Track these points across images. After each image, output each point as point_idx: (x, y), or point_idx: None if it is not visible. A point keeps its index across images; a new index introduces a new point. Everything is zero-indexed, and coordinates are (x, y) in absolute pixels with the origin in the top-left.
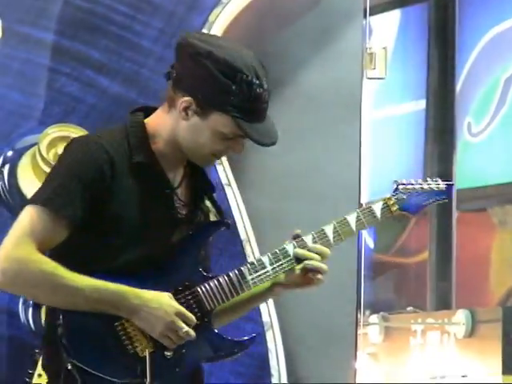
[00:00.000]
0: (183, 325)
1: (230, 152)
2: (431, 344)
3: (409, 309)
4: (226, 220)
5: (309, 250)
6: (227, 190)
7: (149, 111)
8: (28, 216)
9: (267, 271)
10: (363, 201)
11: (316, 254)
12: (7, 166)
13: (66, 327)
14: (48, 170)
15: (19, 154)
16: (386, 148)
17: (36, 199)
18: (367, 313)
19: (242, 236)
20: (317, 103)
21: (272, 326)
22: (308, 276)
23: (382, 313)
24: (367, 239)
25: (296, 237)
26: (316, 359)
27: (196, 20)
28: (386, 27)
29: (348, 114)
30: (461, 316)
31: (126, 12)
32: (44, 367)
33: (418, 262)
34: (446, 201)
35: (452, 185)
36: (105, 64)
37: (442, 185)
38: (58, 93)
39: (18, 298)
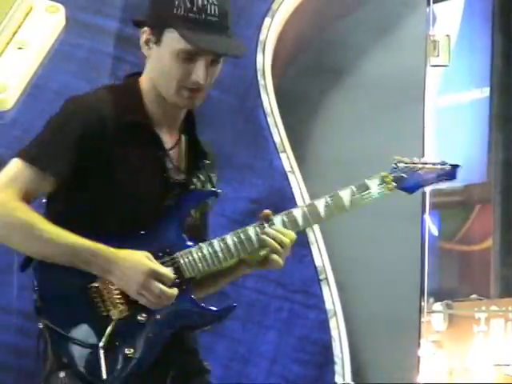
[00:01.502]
0: (157, 284)
1: (194, 79)
2: (495, 331)
3: (472, 296)
4: (215, 190)
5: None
6: (290, 177)
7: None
8: (14, 168)
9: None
10: (426, 189)
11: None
12: None
13: (39, 287)
14: None
15: None
16: (450, 136)
17: (24, 154)
18: (431, 300)
19: None
20: (380, 91)
21: (335, 313)
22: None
23: (445, 300)
24: (431, 227)
25: (265, 219)
26: (379, 347)
27: (259, 8)
28: (450, 15)
29: (411, 102)
30: None
31: None
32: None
33: (482, 250)
34: (450, 181)
35: (458, 166)
36: None
37: (447, 166)
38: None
39: None
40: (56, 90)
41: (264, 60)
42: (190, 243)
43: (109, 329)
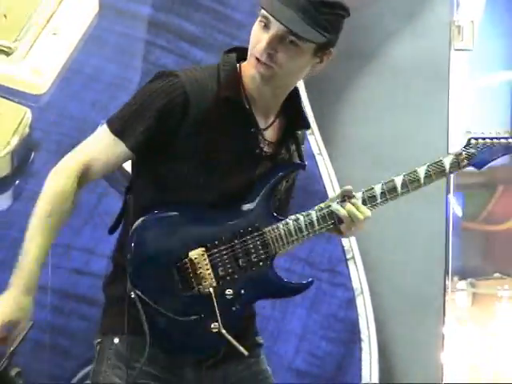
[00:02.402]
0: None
1: (259, 47)
2: None
3: (496, 275)
4: (302, 163)
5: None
6: (318, 159)
7: (242, 52)
8: (99, 133)
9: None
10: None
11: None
12: None
13: (134, 258)
14: None
15: None
16: (476, 116)
17: (109, 121)
18: (455, 279)
19: None
20: (406, 74)
21: (362, 291)
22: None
23: (469, 279)
24: (455, 207)
25: (347, 195)
26: (405, 324)
27: None
28: (474, 1)
29: (437, 84)
30: None
31: None
32: (104, 288)
33: (506, 230)
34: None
35: None
36: (199, 36)
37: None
38: (154, 65)
39: None
40: (89, 74)
41: None
42: (276, 218)
43: (215, 302)
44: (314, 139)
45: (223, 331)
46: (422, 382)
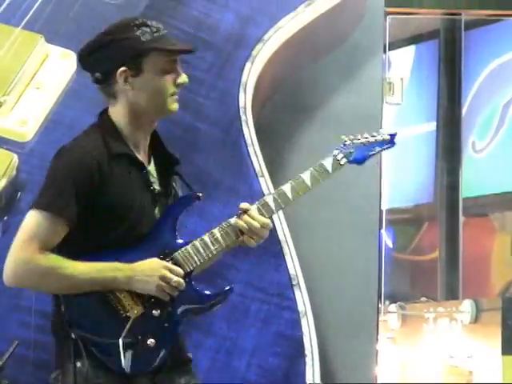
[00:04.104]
0: (172, 275)
1: (179, 83)
2: (442, 329)
3: (422, 299)
4: (197, 193)
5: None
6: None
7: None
8: (31, 220)
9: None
10: (383, 208)
11: (252, 219)
12: None
13: (65, 304)
14: None
15: None
16: (402, 163)
17: (38, 204)
18: (387, 302)
19: (281, 237)
20: (344, 124)
21: (306, 313)
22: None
23: (399, 302)
24: (387, 240)
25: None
26: (344, 342)
27: (241, 54)
28: (403, 60)
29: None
30: (467, 305)
31: None
32: (53, 334)
33: (430, 260)
34: (391, 147)
35: (395, 134)
36: None
37: (386, 135)
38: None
39: None
40: (68, 124)
41: (245, 99)
42: (183, 242)
43: (128, 324)
44: (263, 180)
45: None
46: None
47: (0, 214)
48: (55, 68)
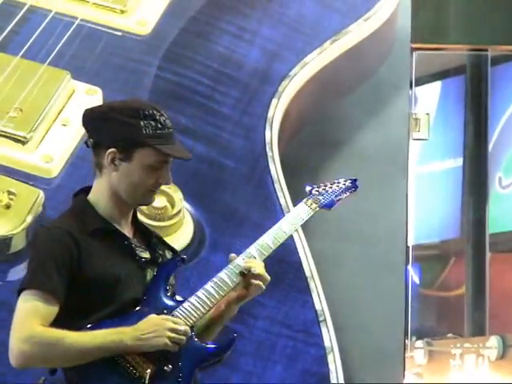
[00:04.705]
0: (178, 326)
1: (161, 182)
2: (468, 365)
3: (449, 335)
4: (182, 256)
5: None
6: (294, 234)
7: (89, 189)
8: (21, 302)
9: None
10: (410, 243)
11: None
12: None
13: (76, 373)
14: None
15: None
16: (429, 198)
17: (22, 286)
18: (414, 338)
19: (307, 273)
20: (370, 160)
21: (333, 349)
22: (251, 286)
23: (426, 339)
24: (414, 276)
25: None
26: (370, 378)
27: (267, 90)
28: (429, 96)
29: (397, 170)
30: (493, 341)
31: (208, 84)
32: None
33: (457, 296)
34: (354, 191)
35: (356, 180)
36: (191, 128)
37: (348, 182)
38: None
39: None
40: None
41: (271, 134)
42: (178, 303)
43: (146, 382)
44: None
45: None
46: None
47: (26, 250)
48: (81, 104)
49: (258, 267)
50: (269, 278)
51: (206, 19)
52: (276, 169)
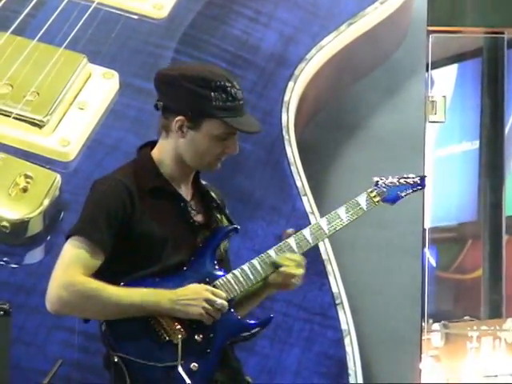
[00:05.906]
0: (216, 298)
1: (228, 152)
2: (485, 348)
3: (466, 318)
4: (235, 226)
5: (285, 258)
6: (311, 217)
7: (155, 143)
8: (67, 248)
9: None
10: (426, 226)
11: (291, 260)
12: None
13: (109, 328)
14: None
15: None
16: (446, 181)
17: (71, 232)
18: (430, 321)
19: (324, 256)
20: (386, 143)
21: (349, 332)
22: (285, 280)
23: (443, 321)
24: (430, 259)
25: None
26: (387, 361)
27: (283, 73)
28: (446, 79)
29: (413, 152)
30: (510, 323)
31: (225, 67)
32: (104, 365)
33: (474, 278)
34: (421, 189)
35: (425, 177)
36: None
37: (417, 178)
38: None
39: None
40: (111, 144)
41: (288, 118)
42: (223, 273)
43: (179, 348)
44: (306, 199)
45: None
46: None
47: (43, 233)
48: (98, 88)
49: (291, 266)
50: (302, 272)
51: (222, 2)
52: (292, 152)
